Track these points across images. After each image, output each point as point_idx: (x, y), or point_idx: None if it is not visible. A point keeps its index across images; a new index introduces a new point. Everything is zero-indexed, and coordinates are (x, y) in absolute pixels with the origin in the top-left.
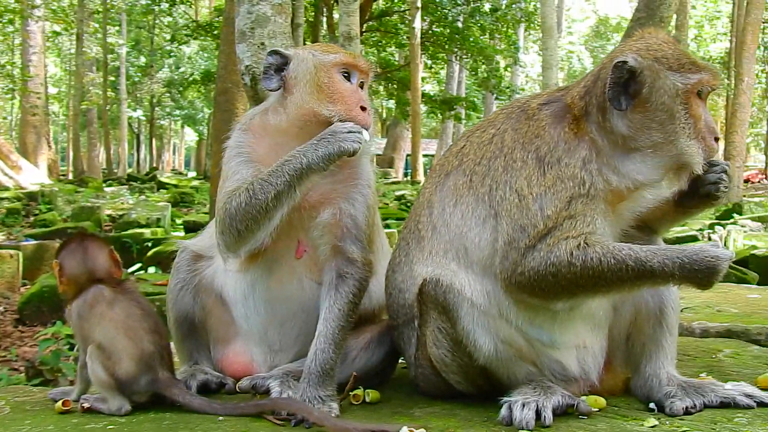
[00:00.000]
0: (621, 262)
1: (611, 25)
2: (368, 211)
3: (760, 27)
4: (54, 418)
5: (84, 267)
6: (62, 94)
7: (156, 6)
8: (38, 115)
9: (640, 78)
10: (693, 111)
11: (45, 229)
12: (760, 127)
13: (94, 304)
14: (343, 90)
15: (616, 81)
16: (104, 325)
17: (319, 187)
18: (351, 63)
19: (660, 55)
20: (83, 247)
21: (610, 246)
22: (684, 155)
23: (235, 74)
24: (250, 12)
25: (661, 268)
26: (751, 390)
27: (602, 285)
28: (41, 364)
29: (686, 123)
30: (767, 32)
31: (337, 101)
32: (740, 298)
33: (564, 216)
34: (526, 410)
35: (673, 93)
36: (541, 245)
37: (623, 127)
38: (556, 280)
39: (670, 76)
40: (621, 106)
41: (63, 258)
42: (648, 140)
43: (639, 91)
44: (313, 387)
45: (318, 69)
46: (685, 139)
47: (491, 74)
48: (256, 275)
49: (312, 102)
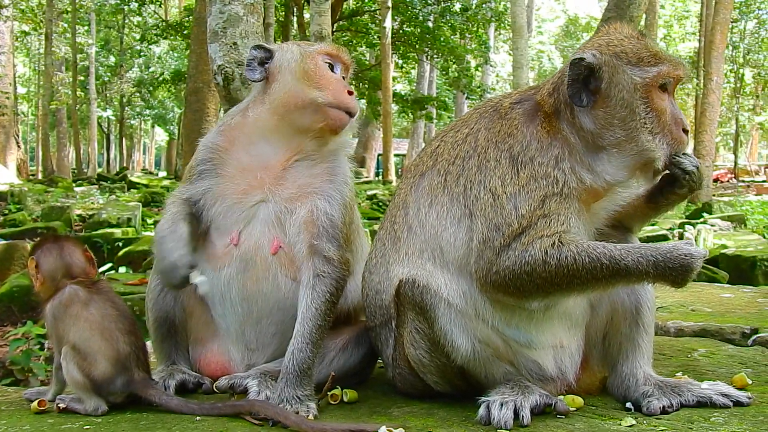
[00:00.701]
0: (595, 260)
1: (581, 25)
2: (345, 209)
3: (728, 26)
4: (30, 418)
5: (61, 264)
6: (31, 93)
7: (125, 5)
8: (7, 115)
9: (599, 74)
10: (655, 105)
11: (15, 228)
12: (729, 127)
13: (69, 305)
14: (329, 76)
15: (575, 78)
16: (79, 325)
17: (296, 179)
18: (335, 54)
19: (619, 50)
20: (59, 245)
21: (585, 244)
22: (647, 151)
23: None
24: (222, 12)
25: (636, 266)
26: (728, 389)
27: (577, 283)
28: (12, 364)
29: (647, 117)
30: (736, 32)
31: (324, 87)
32: (714, 297)
33: (538, 215)
34: (505, 410)
35: (632, 87)
36: (515, 244)
37: (589, 124)
38: (531, 279)
39: (628, 71)
40: (582, 102)
41: (39, 256)
42: (612, 137)
43: (599, 88)
44: (291, 387)
45: (304, 56)
46: (646, 134)
47: (462, 74)
48: (232, 273)
49: (299, 87)
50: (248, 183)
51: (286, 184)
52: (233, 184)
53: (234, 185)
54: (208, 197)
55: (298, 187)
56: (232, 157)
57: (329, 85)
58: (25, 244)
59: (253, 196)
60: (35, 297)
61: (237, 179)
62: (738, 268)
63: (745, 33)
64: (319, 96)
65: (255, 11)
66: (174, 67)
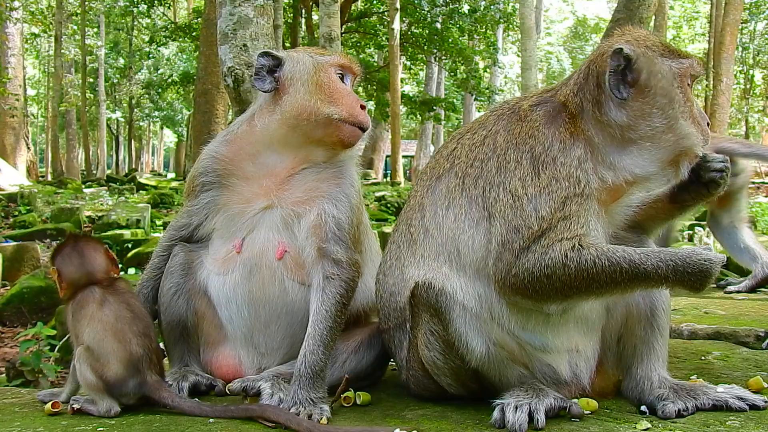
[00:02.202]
0: (615, 264)
1: (589, 26)
2: (352, 211)
3: (738, 28)
4: (43, 420)
5: (82, 270)
6: (41, 95)
7: (134, 8)
8: (17, 117)
9: (637, 65)
10: (688, 95)
11: (25, 230)
12: (738, 128)
13: (84, 305)
14: (341, 89)
15: (614, 69)
16: (93, 326)
17: (302, 183)
18: (347, 65)
19: (650, 44)
20: (78, 250)
21: (605, 248)
22: (685, 139)
23: (214, 76)
24: (232, 14)
25: (655, 270)
26: (743, 393)
27: (596, 287)
28: (22, 365)
29: (685, 106)
30: (745, 33)
31: (338, 101)
32: (727, 300)
33: (558, 217)
34: (519, 413)
35: (671, 76)
36: (535, 246)
37: (622, 118)
38: (551, 282)
39: (665, 61)
40: (622, 95)
41: (60, 264)
42: (648, 128)
43: (637, 79)
44: (304, 389)
45: (317, 68)
46: (685, 122)
47: (470, 75)
48: (237, 278)
49: (311, 101)
50: (252, 192)
51: (292, 189)
52: (236, 194)
53: (237, 195)
54: (210, 207)
55: (304, 191)
56: (237, 167)
57: (343, 99)
58: (35, 246)
59: (258, 204)
60: (57, 298)
61: (241, 189)
62: (749, 271)
63: (755, 34)
64: (334, 111)
65: (265, 13)
66: (183, 69)
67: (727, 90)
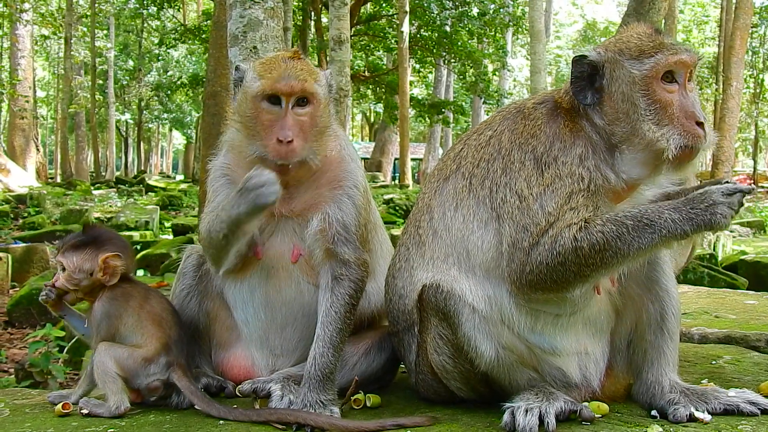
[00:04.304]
0: (619, 223)
1: (599, 30)
2: (358, 211)
3: (748, 32)
4: (54, 421)
5: (131, 261)
6: (50, 97)
7: (144, 10)
8: (26, 119)
9: (603, 71)
10: (658, 96)
11: (34, 231)
12: (748, 132)
13: (129, 298)
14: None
15: (578, 76)
16: (141, 315)
17: (302, 195)
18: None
19: (624, 46)
20: (125, 243)
21: (607, 216)
22: (652, 142)
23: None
24: (243, 16)
25: (658, 216)
26: (755, 397)
27: (610, 256)
28: (31, 366)
29: (649, 109)
30: (755, 37)
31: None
32: (738, 304)
33: (566, 209)
34: (530, 416)
35: (630, 81)
36: (544, 239)
37: (601, 121)
38: (566, 267)
39: (627, 65)
40: (586, 100)
41: (122, 251)
42: (621, 133)
43: (602, 85)
44: (314, 391)
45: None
46: (649, 125)
47: (479, 78)
48: (254, 281)
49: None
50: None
51: (293, 202)
52: None
53: None
54: None
55: (305, 201)
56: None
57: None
58: (44, 247)
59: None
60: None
61: None
62: (757, 274)
63: (765, 38)
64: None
65: (275, 15)
66: (192, 71)
67: (736, 94)
